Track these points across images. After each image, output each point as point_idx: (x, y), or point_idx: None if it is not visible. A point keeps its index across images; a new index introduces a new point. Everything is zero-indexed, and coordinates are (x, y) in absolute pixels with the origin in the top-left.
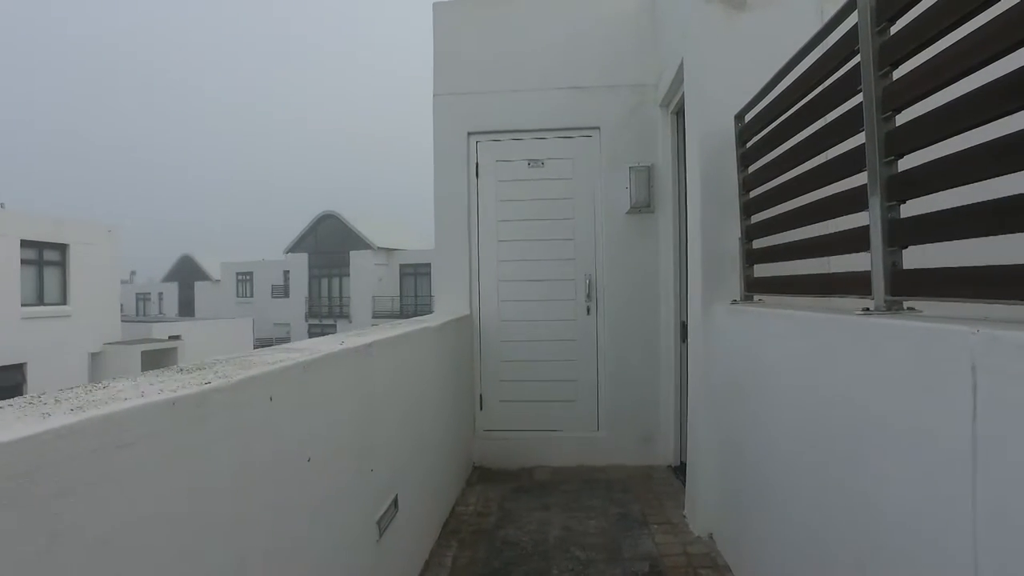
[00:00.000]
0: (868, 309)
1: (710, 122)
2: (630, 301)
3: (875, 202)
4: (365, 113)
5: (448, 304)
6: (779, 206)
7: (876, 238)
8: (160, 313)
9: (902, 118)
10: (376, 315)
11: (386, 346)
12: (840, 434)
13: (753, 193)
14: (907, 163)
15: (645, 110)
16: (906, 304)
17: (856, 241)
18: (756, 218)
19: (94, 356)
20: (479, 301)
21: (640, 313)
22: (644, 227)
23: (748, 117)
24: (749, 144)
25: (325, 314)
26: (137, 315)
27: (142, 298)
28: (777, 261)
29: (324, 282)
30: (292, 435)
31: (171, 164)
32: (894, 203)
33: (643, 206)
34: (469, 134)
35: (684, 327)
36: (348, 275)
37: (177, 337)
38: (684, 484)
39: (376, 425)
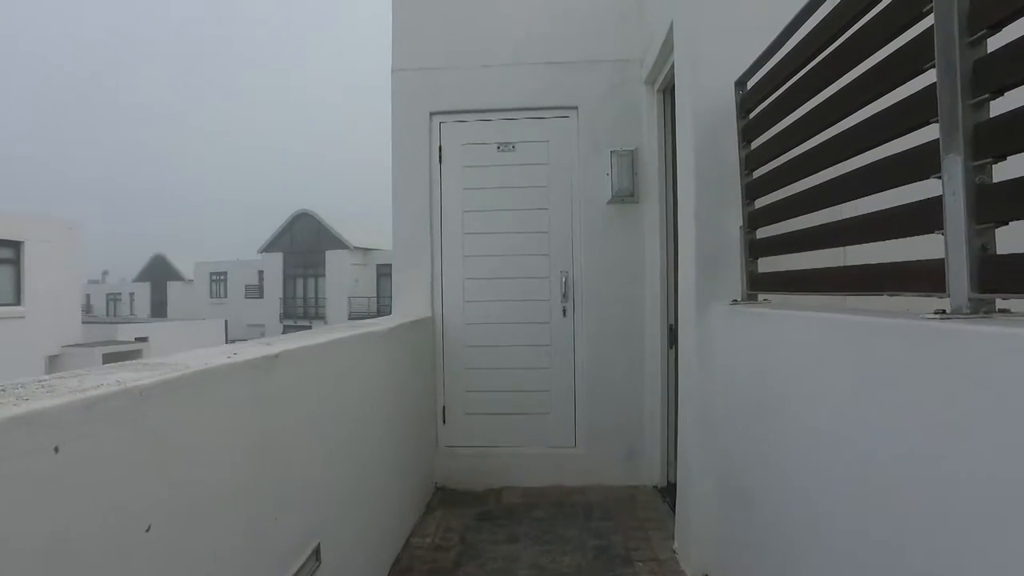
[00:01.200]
0: (943, 311)
1: (705, 92)
2: (612, 301)
3: (954, 161)
4: (342, 109)
5: (408, 305)
6: (792, 185)
7: (955, 212)
8: (132, 314)
9: (997, 41)
10: (352, 316)
11: (304, 357)
12: (902, 494)
13: (758, 173)
14: (1000, 106)
15: (628, 88)
16: (998, 304)
17: (920, 218)
18: (761, 202)
19: (52, 359)
20: (442, 301)
21: (623, 315)
22: (627, 218)
23: (752, 82)
24: (753, 114)
25: (300, 315)
26: (108, 316)
27: (113, 299)
28: (789, 252)
29: (299, 282)
30: (113, 497)
31: (146, 162)
32: (984, 161)
33: (626, 195)
34: (431, 114)
35: (673, 331)
36: (324, 275)
37: (144, 339)
38: (672, 509)
39: (285, 460)
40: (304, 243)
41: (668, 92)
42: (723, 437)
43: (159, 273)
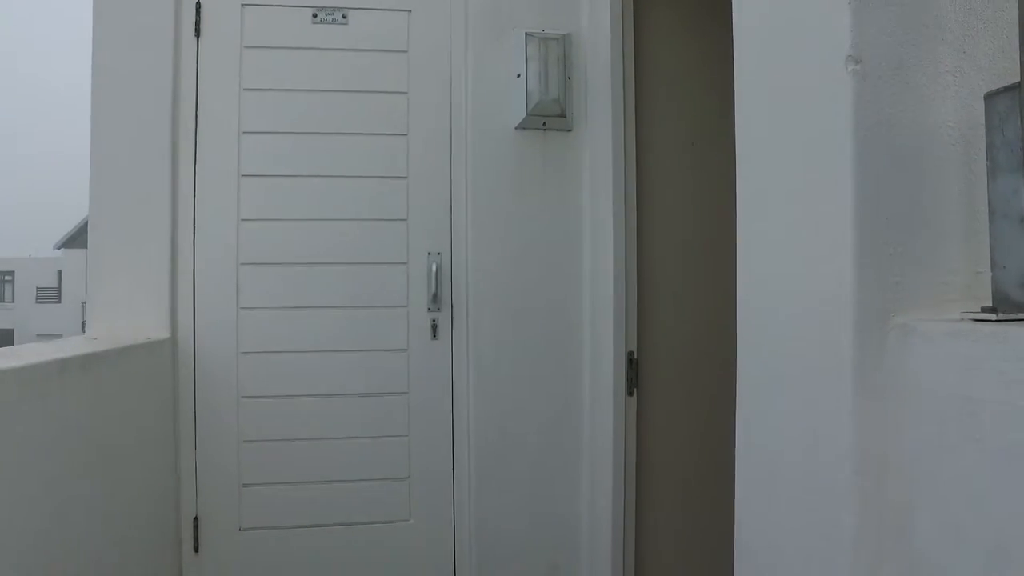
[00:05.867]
0: None
1: None
2: (523, 311)
3: None
4: None
5: (116, 314)
6: None
7: None
8: None
9: None
10: None
11: None
12: None
13: None
14: None
15: None
16: None
17: None
18: None
19: None
20: (193, 309)
21: (544, 335)
22: (554, 157)
23: None
24: None
25: None
26: None
27: None
28: None
29: None
30: None
31: None
32: None
33: (552, 114)
34: None
35: (633, 363)
36: None
37: None
38: None
39: None
40: None
41: None
42: None
43: None
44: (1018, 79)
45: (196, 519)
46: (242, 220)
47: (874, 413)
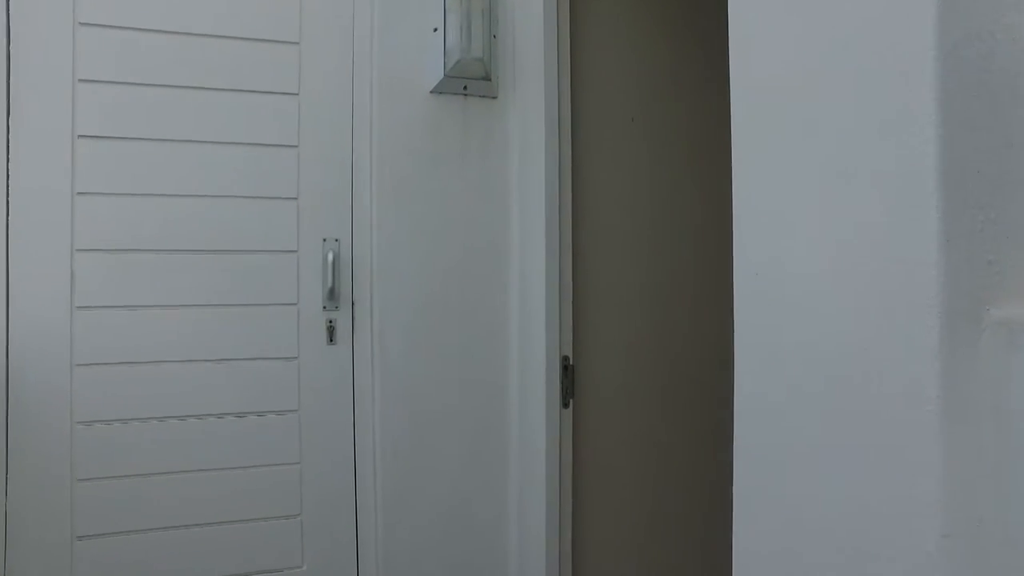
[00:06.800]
0: None
1: None
2: (439, 309)
3: None
4: None
5: None
6: None
7: None
8: None
9: None
10: None
11: None
12: None
13: None
14: None
15: None
16: None
17: None
18: None
19: None
20: (7, 309)
21: (464, 337)
22: (477, 127)
23: None
24: None
25: None
26: None
27: None
28: None
29: None
30: None
31: None
32: None
33: (475, 75)
34: None
35: (568, 370)
36: None
37: None
38: None
39: None
40: None
41: None
42: None
43: None
44: None
45: None
46: (79, 194)
47: (968, 449)
